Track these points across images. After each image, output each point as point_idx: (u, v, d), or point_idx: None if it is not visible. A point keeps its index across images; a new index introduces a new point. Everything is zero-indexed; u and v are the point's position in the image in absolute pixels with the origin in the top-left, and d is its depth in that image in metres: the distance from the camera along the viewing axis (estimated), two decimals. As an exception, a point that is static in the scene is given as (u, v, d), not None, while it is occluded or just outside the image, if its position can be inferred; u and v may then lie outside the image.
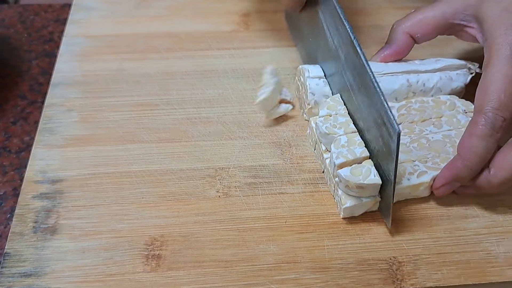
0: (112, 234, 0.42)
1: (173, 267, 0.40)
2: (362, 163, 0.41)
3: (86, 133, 0.49)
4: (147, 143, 0.48)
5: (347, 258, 0.41)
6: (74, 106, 0.51)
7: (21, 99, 0.55)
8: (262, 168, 0.46)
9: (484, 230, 0.43)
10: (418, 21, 0.47)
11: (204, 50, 0.56)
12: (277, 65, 0.53)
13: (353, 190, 0.41)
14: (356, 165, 0.41)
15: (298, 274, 0.40)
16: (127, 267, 0.40)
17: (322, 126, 0.44)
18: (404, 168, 0.43)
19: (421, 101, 0.48)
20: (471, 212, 0.44)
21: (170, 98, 0.52)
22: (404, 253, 0.41)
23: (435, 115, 0.47)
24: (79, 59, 0.55)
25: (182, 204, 0.44)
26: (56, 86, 0.53)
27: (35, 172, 0.46)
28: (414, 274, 0.40)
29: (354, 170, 0.40)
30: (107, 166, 0.46)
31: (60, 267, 0.40)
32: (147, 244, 0.42)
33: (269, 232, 0.42)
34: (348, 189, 0.41)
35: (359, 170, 0.40)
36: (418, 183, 0.43)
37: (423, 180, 0.43)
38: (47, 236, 0.42)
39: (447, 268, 0.40)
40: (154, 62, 0.55)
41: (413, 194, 0.43)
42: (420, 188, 0.43)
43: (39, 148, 0.47)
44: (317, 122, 0.44)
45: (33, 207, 0.44)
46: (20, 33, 0.62)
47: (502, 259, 0.41)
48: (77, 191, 0.45)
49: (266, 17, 0.60)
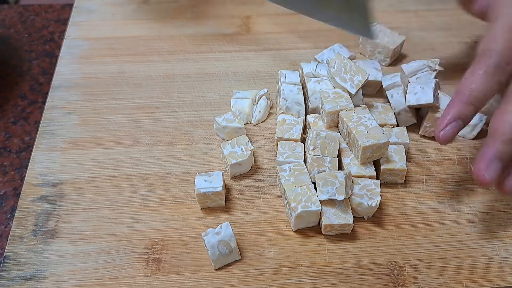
0: (112, 237, 0.42)
1: (173, 271, 0.40)
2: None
3: (87, 136, 0.49)
4: (148, 146, 0.48)
5: (348, 263, 0.41)
6: (74, 108, 0.51)
7: (22, 99, 0.55)
8: (263, 172, 0.46)
9: (485, 235, 0.42)
10: None
11: (205, 53, 0.56)
12: (278, 68, 0.53)
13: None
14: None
15: (299, 279, 0.40)
16: (127, 271, 0.40)
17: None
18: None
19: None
20: (472, 217, 0.44)
21: (171, 101, 0.51)
22: (406, 258, 0.41)
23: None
24: (80, 62, 0.55)
25: (183, 208, 0.44)
26: (56, 89, 0.53)
27: (35, 175, 0.46)
28: (416, 279, 0.40)
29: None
30: (108, 169, 0.46)
31: (60, 270, 0.40)
32: (147, 247, 0.41)
33: (269, 236, 0.42)
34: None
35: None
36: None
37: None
38: (47, 240, 0.42)
39: (448, 273, 0.40)
40: (155, 65, 0.55)
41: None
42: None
43: (39, 151, 0.47)
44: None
45: (33, 210, 0.43)
46: (21, 33, 0.62)
47: (504, 264, 0.41)
48: (77, 194, 0.44)
49: (267, 20, 0.60)
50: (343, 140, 0.46)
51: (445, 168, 0.47)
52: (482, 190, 0.45)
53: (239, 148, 0.45)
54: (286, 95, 0.48)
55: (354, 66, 0.46)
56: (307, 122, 0.48)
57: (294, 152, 0.44)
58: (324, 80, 0.49)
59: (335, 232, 0.42)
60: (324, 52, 0.52)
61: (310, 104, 0.48)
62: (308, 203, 0.41)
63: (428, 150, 0.48)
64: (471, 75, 0.40)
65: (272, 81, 0.53)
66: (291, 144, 0.45)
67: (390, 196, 0.45)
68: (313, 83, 0.48)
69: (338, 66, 0.47)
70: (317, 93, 0.48)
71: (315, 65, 0.50)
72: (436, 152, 0.48)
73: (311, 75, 0.49)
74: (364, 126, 0.43)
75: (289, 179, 0.42)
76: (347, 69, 0.46)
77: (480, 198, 0.45)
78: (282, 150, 0.45)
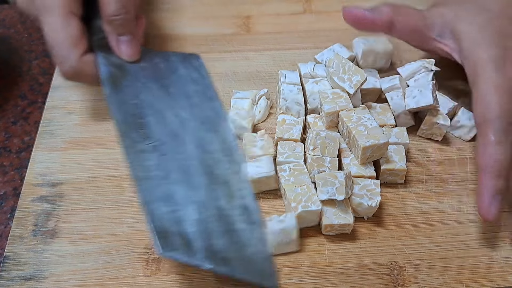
0: (112, 237, 0.42)
1: (173, 271, 0.40)
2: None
3: (87, 136, 0.49)
4: (148, 146, 0.48)
5: (348, 263, 0.41)
6: (74, 108, 0.51)
7: (22, 99, 0.55)
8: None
9: (485, 235, 0.42)
10: (404, 13, 0.47)
11: (206, 53, 0.56)
12: (278, 68, 0.53)
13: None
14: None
15: (298, 279, 0.40)
16: (127, 271, 0.40)
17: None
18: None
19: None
20: (472, 217, 0.44)
21: (171, 101, 0.51)
22: (405, 258, 0.41)
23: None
24: (79, 61, 0.55)
25: (183, 208, 0.44)
26: (56, 89, 0.53)
27: (35, 175, 0.46)
28: (415, 279, 0.40)
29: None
30: (108, 169, 0.46)
31: (60, 270, 0.40)
32: (147, 247, 0.41)
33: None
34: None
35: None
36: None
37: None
38: (46, 240, 0.42)
39: (448, 273, 0.40)
40: (155, 64, 0.55)
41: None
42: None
43: (39, 151, 0.47)
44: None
45: (33, 210, 0.43)
46: (21, 33, 0.62)
47: (504, 264, 0.41)
48: (77, 194, 0.44)
49: (268, 19, 0.60)
50: (343, 140, 0.46)
51: (445, 168, 0.47)
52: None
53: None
54: (286, 95, 0.48)
55: (352, 66, 0.46)
56: (307, 122, 0.48)
57: (294, 152, 0.44)
58: (322, 80, 0.49)
59: (335, 232, 0.42)
60: (324, 52, 0.52)
61: (309, 105, 0.48)
62: (308, 203, 0.41)
63: (428, 150, 0.48)
64: (485, 149, 0.40)
65: (272, 81, 0.53)
66: (291, 144, 0.45)
67: (390, 196, 0.45)
68: (311, 84, 0.48)
69: (336, 66, 0.47)
70: (315, 94, 0.48)
71: (313, 65, 0.50)
72: (436, 152, 0.48)
73: (308, 76, 0.49)
74: (364, 126, 0.43)
75: (289, 179, 0.42)
76: (345, 69, 0.46)
77: (480, 198, 0.45)
78: (282, 150, 0.45)
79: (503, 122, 0.40)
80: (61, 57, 0.44)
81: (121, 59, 0.48)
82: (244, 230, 0.40)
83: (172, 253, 0.36)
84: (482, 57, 0.43)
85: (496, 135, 0.40)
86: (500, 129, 0.40)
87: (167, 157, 0.43)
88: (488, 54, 0.43)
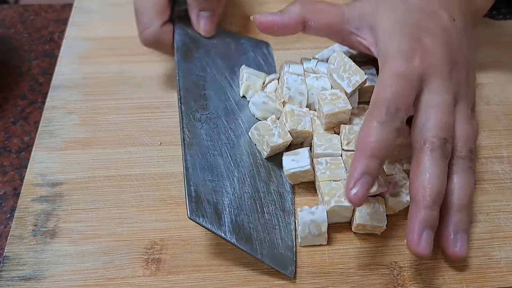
0: (112, 237, 0.42)
1: (173, 271, 0.40)
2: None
3: (87, 136, 0.49)
4: (148, 146, 0.48)
5: (348, 263, 0.41)
6: (74, 108, 0.51)
7: (21, 99, 0.55)
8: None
9: (486, 235, 0.42)
10: (318, 9, 0.46)
11: (205, 53, 0.56)
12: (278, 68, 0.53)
13: None
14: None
15: (298, 279, 0.40)
16: (126, 271, 0.40)
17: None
18: None
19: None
20: (472, 217, 0.43)
21: (171, 101, 0.51)
22: (406, 258, 0.41)
23: None
24: (79, 62, 0.55)
25: (183, 208, 0.43)
26: (56, 89, 0.53)
27: (35, 175, 0.46)
28: (415, 279, 0.40)
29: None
30: (107, 169, 0.46)
31: (60, 270, 0.40)
32: (147, 248, 0.41)
33: (269, 236, 0.42)
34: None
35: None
36: None
37: None
38: (46, 240, 0.42)
39: (448, 273, 0.40)
40: (155, 65, 0.55)
41: None
42: None
43: (39, 151, 0.47)
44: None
45: (33, 210, 0.43)
46: (20, 33, 0.62)
47: (504, 264, 0.41)
48: (77, 194, 0.44)
49: (268, 19, 0.60)
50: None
51: (445, 168, 0.47)
52: (481, 190, 0.45)
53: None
54: (290, 84, 0.47)
55: (353, 66, 0.46)
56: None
57: (331, 144, 0.44)
58: (322, 77, 0.49)
59: (364, 231, 0.42)
60: (324, 52, 0.52)
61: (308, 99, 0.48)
62: (342, 198, 0.40)
63: (428, 150, 0.48)
64: (367, 128, 0.39)
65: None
66: (327, 135, 0.45)
67: (390, 196, 0.45)
68: (311, 78, 0.48)
69: (338, 63, 0.46)
70: (314, 89, 0.48)
71: (316, 62, 0.50)
72: (436, 152, 0.48)
73: (310, 71, 0.49)
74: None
75: (325, 172, 0.42)
76: (346, 68, 0.46)
77: (480, 198, 0.45)
78: (319, 142, 0.44)
79: (392, 106, 0.39)
80: (144, 24, 0.47)
81: (197, 32, 0.51)
82: (273, 215, 0.42)
83: (200, 219, 0.38)
84: (392, 49, 0.42)
85: (382, 116, 0.39)
86: (387, 112, 0.39)
87: (218, 130, 0.45)
88: (399, 46, 0.42)
